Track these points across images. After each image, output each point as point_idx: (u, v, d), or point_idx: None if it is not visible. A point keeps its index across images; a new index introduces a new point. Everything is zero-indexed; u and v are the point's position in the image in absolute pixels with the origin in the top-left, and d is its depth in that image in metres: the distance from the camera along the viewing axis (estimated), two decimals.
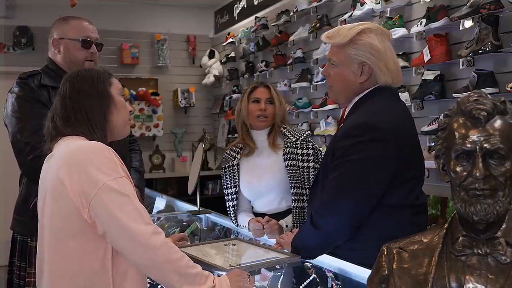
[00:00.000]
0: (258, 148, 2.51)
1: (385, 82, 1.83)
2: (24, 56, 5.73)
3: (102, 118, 1.59)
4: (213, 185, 6.60)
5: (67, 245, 1.47)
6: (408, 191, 1.80)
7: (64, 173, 1.46)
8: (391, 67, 1.84)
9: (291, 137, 2.42)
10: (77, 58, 2.32)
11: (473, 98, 1.12)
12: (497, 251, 1.10)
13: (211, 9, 6.84)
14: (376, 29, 1.87)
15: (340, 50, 1.86)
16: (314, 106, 4.64)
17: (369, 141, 1.72)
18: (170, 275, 1.45)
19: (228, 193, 2.52)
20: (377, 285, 1.24)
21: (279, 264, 1.87)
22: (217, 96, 6.78)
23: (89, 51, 2.34)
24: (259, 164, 2.47)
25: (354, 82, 1.85)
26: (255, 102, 2.47)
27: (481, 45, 3.01)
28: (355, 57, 1.82)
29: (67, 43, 2.33)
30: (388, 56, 1.83)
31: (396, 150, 1.73)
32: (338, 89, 1.92)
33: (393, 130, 1.74)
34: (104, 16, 5.84)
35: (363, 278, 1.57)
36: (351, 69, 1.84)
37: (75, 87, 1.59)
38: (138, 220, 1.44)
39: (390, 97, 1.86)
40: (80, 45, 2.32)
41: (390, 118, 1.77)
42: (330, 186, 1.80)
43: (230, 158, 2.55)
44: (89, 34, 2.35)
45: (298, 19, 4.89)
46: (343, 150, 1.76)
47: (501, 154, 1.08)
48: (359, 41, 1.82)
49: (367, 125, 1.75)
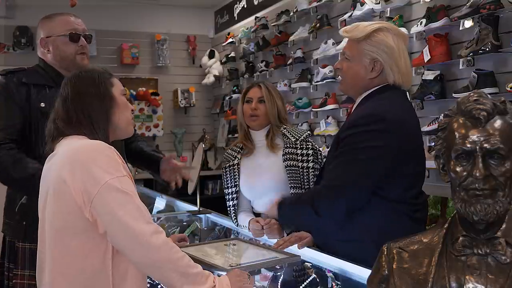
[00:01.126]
0: (257, 148, 2.51)
1: (394, 81, 1.87)
2: (24, 56, 5.72)
3: (104, 118, 1.59)
4: (213, 185, 6.60)
5: (68, 244, 1.47)
6: (408, 186, 1.83)
7: (66, 172, 1.46)
8: (402, 68, 1.87)
9: (291, 137, 2.42)
10: (67, 53, 2.29)
11: (473, 98, 1.12)
12: (497, 251, 1.10)
13: (211, 9, 6.84)
14: (393, 29, 1.91)
15: (355, 45, 1.90)
16: (314, 106, 4.64)
17: (374, 130, 1.76)
18: (170, 275, 1.46)
19: (229, 192, 2.53)
20: (377, 285, 1.24)
21: (279, 264, 1.87)
22: (217, 96, 6.78)
23: (79, 44, 2.30)
24: (259, 164, 2.48)
25: (364, 77, 1.89)
26: (248, 102, 2.50)
27: (481, 45, 3.01)
28: (368, 52, 1.86)
29: (55, 40, 2.30)
30: (400, 57, 1.87)
31: (398, 142, 1.76)
32: (348, 82, 1.96)
33: (398, 123, 1.78)
34: (104, 16, 5.84)
35: (363, 278, 1.58)
36: (363, 64, 1.88)
37: (76, 88, 1.60)
38: (140, 219, 1.44)
39: (398, 95, 1.90)
40: (68, 39, 2.29)
41: (396, 111, 1.81)
42: (333, 171, 1.84)
43: (231, 158, 2.55)
44: (75, 27, 2.31)
45: (298, 19, 4.89)
46: (349, 139, 1.81)
47: (501, 154, 1.08)
48: (374, 37, 1.86)
49: (373, 116, 1.79)
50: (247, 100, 2.51)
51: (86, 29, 2.37)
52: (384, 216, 1.79)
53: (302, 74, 4.75)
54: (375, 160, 1.76)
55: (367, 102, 1.88)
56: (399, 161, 1.77)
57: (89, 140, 1.54)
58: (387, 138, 1.76)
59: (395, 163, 1.77)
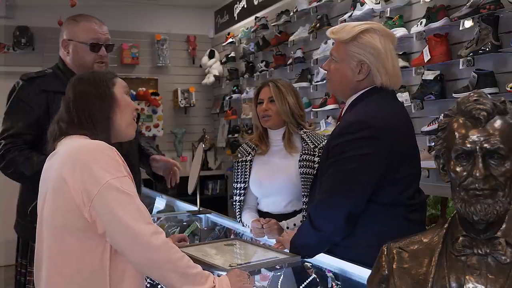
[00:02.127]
0: (274, 147, 2.49)
1: (381, 83, 1.85)
2: (24, 56, 5.72)
3: (105, 119, 1.59)
4: (213, 185, 6.61)
5: (66, 243, 1.47)
6: (403, 188, 1.81)
7: (66, 171, 1.46)
8: (389, 69, 1.85)
9: (310, 144, 2.37)
10: (86, 61, 2.31)
11: (473, 98, 1.12)
12: (497, 251, 1.10)
13: (211, 9, 6.84)
14: (380, 30, 1.88)
15: (341, 46, 1.88)
16: (314, 106, 4.65)
17: (362, 138, 1.74)
18: (170, 275, 1.45)
19: (237, 187, 2.53)
20: (377, 285, 1.24)
21: (279, 264, 1.87)
22: (217, 96, 6.78)
23: (98, 54, 2.32)
24: (273, 163, 2.46)
25: (351, 80, 1.87)
26: (260, 104, 2.49)
27: (481, 45, 3.01)
28: (355, 55, 1.84)
29: (76, 45, 2.31)
30: (387, 58, 1.84)
31: (389, 147, 1.75)
32: (335, 83, 1.95)
33: (386, 128, 1.76)
34: (104, 16, 5.78)
35: (363, 278, 1.57)
36: (349, 66, 1.86)
37: (76, 90, 1.61)
38: (139, 219, 1.44)
39: (386, 97, 1.87)
40: (88, 48, 2.30)
41: (384, 116, 1.79)
42: (325, 184, 1.82)
43: (245, 153, 2.55)
44: (98, 36, 2.32)
45: (298, 19, 4.90)
46: (337, 148, 1.79)
47: (501, 154, 1.08)
48: (360, 39, 1.83)
49: (360, 123, 1.77)
50: (259, 101, 2.49)
51: (109, 38, 2.38)
52: (379, 221, 1.77)
53: (302, 74, 4.75)
54: (365, 168, 1.74)
55: (356, 106, 1.86)
56: (391, 166, 1.75)
57: (90, 140, 1.55)
58: (376, 144, 1.74)
59: (387, 168, 1.75)
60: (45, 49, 5.61)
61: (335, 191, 1.78)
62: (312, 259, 1.88)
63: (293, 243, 1.89)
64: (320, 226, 1.79)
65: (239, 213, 2.52)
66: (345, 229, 1.79)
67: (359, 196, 1.76)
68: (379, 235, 1.52)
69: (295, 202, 2.39)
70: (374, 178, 1.75)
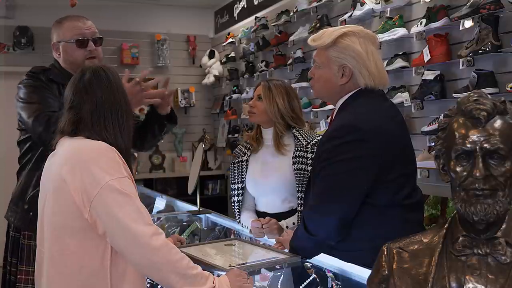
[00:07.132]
0: (265, 146, 2.53)
1: (366, 85, 1.85)
2: (24, 56, 5.73)
3: (107, 117, 1.59)
4: (213, 185, 6.61)
5: (66, 243, 1.48)
6: (397, 188, 1.81)
7: (66, 171, 1.46)
8: (372, 70, 1.85)
9: (302, 141, 2.39)
10: (76, 58, 2.31)
11: (473, 98, 1.12)
12: (497, 251, 1.10)
13: (211, 9, 6.84)
14: (359, 32, 1.88)
15: (323, 52, 1.90)
16: (314, 106, 4.65)
17: (351, 141, 1.75)
18: (170, 276, 1.46)
19: (234, 188, 2.54)
20: (377, 285, 1.24)
21: (279, 264, 1.87)
22: (217, 96, 6.78)
23: (87, 49, 2.32)
24: (266, 162, 2.48)
25: (335, 84, 1.88)
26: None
27: (481, 45, 3.01)
28: (336, 59, 1.86)
29: (64, 45, 2.32)
30: (369, 60, 1.85)
31: (379, 149, 1.74)
32: (320, 89, 1.97)
33: (375, 130, 1.76)
34: (104, 16, 5.82)
35: (363, 278, 1.57)
36: (332, 71, 1.87)
37: (77, 90, 1.61)
38: (139, 220, 1.44)
39: (375, 98, 1.88)
40: (75, 45, 2.30)
41: (372, 118, 1.79)
42: (317, 189, 1.83)
43: (241, 154, 2.58)
44: (83, 31, 2.32)
45: (298, 19, 4.89)
46: (327, 153, 1.80)
47: (501, 154, 1.08)
48: (340, 43, 1.85)
49: (348, 127, 1.78)
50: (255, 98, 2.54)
51: (96, 31, 2.37)
52: (375, 223, 1.77)
53: (302, 74, 4.75)
54: (355, 172, 1.74)
55: (344, 110, 1.87)
56: (382, 168, 1.75)
57: (90, 140, 1.54)
58: (364, 148, 1.74)
59: (379, 170, 1.75)
60: (45, 49, 5.51)
61: (326, 196, 1.79)
62: (312, 259, 1.88)
63: (291, 245, 1.91)
64: (313, 231, 1.80)
65: (238, 214, 2.52)
66: (339, 233, 1.79)
67: (350, 200, 1.76)
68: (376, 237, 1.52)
69: (291, 198, 2.40)
70: (365, 181, 1.75)
